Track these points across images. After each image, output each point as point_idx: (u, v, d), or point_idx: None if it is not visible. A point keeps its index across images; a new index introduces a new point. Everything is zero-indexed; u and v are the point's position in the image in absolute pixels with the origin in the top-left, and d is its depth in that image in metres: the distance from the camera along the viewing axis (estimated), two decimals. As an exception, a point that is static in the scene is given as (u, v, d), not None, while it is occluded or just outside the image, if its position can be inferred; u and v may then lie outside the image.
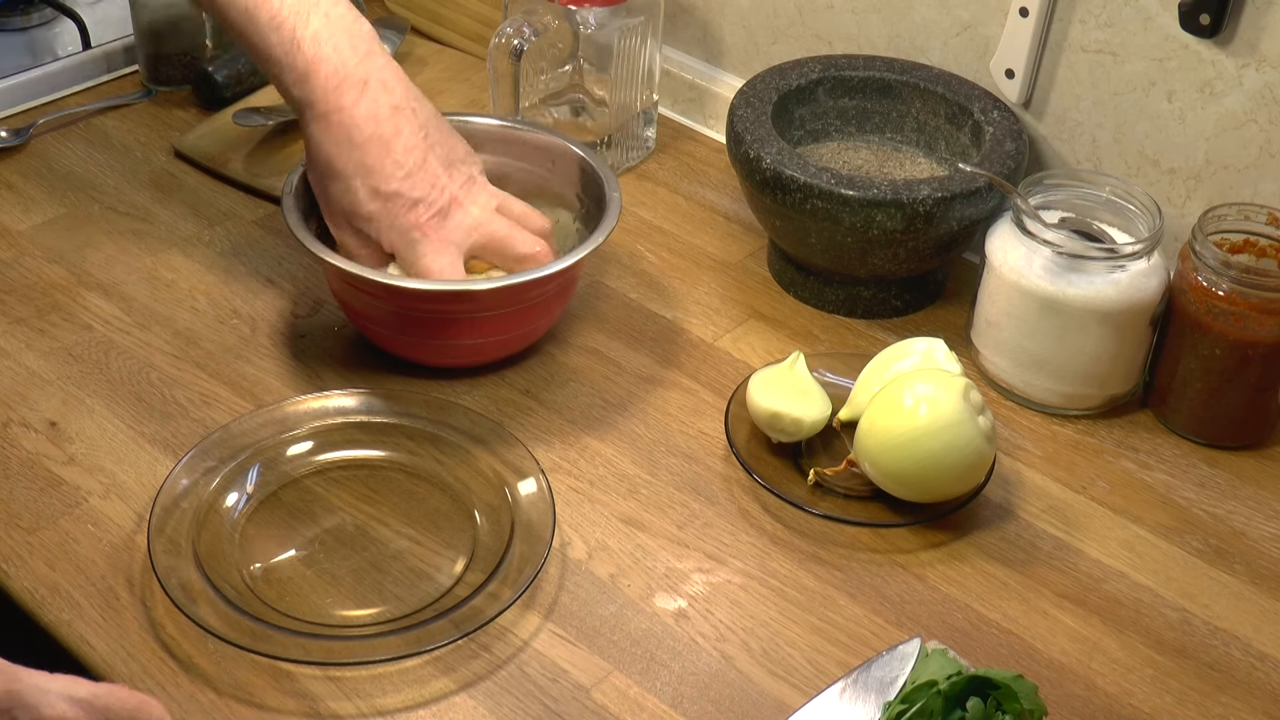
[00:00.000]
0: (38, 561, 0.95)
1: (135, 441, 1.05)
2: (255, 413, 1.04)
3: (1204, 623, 0.96)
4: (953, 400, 0.98)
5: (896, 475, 1.00)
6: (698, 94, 1.42)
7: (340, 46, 1.04)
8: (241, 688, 0.88)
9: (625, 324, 1.18)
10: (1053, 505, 1.04)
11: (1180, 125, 1.13)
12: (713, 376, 1.14)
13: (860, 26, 1.30)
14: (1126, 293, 1.06)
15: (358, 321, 1.12)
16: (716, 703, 0.89)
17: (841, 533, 1.01)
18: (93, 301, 1.17)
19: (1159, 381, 1.11)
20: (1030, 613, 0.96)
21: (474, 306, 1.07)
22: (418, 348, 1.10)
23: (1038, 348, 1.09)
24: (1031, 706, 0.83)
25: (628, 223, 1.30)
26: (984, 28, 1.22)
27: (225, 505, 0.98)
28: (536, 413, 1.09)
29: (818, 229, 1.14)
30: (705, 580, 0.97)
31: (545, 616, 0.94)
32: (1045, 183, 1.12)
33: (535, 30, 1.27)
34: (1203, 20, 1.08)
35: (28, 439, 1.05)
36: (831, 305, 1.21)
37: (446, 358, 1.11)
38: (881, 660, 0.89)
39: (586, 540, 0.99)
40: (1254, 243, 1.07)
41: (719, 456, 1.07)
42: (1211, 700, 0.91)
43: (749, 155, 1.16)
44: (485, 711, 0.88)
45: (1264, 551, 1.01)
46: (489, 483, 1.00)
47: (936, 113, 1.24)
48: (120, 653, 0.90)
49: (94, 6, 1.51)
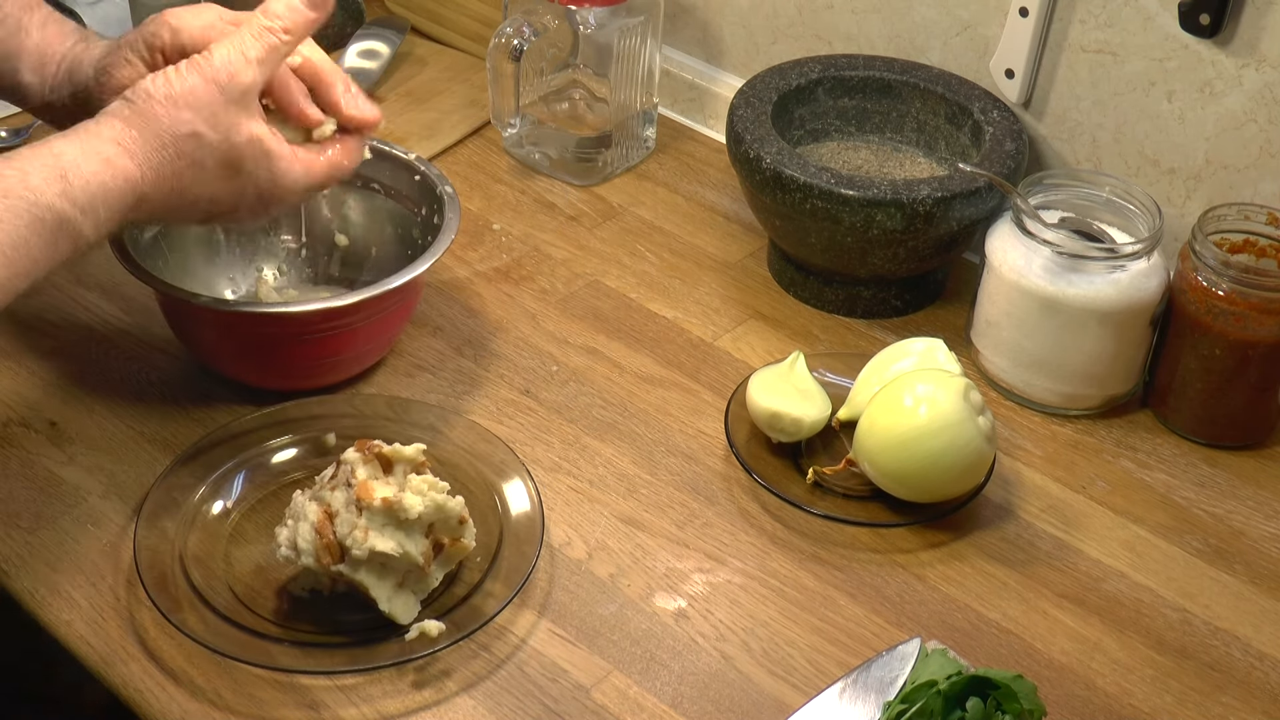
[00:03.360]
0: (38, 561, 0.95)
1: (135, 441, 1.05)
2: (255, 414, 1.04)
3: (1204, 623, 0.96)
4: (953, 400, 0.98)
5: (896, 475, 1.00)
6: (698, 94, 1.42)
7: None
8: (242, 688, 0.88)
9: (625, 324, 1.18)
10: (1052, 505, 1.04)
11: (1180, 125, 1.13)
12: (713, 376, 1.14)
13: (860, 26, 1.30)
14: (1126, 293, 1.06)
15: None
16: (716, 703, 0.89)
17: (841, 533, 1.01)
18: (93, 301, 1.17)
19: (1159, 381, 1.11)
20: (1030, 613, 0.96)
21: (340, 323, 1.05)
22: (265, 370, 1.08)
23: (1037, 348, 1.09)
24: (1031, 706, 0.83)
25: (628, 222, 1.30)
26: (984, 28, 1.22)
27: (213, 509, 0.98)
28: (536, 413, 1.09)
29: (818, 229, 1.14)
30: (705, 580, 0.97)
31: (545, 616, 0.94)
32: (1045, 183, 1.12)
33: (535, 30, 1.27)
34: (1203, 20, 1.08)
35: (28, 439, 1.05)
36: (831, 305, 1.21)
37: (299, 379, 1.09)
38: (881, 660, 0.89)
39: (586, 540, 0.99)
40: (1254, 243, 1.07)
41: (719, 456, 1.07)
42: (1211, 700, 0.91)
43: (749, 155, 1.16)
44: (485, 711, 0.88)
45: (1264, 551, 1.01)
46: (476, 483, 1.00)
47: (936, 113, 1.24)
48: (120, 652, 0.90)
49: (94, 6, 1.51)
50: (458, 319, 1.18)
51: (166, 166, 0.88)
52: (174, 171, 0.89)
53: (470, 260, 1.24)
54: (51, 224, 0.83)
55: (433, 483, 0.91)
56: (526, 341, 1.16)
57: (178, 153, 0.88)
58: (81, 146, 0.86)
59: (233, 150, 0.90)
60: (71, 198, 0.84)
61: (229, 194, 0.92)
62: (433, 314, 1.18)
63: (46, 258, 0.83)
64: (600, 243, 1.27)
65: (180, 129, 0.88)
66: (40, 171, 0.83)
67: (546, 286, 1.22)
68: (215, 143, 0.89)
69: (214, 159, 0.90)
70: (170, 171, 0.88)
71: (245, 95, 0.90)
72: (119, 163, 0.86)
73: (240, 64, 0.90)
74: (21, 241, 0.81)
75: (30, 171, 0.83)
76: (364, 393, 1.09)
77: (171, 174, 0.89)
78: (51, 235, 0.83)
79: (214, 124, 0.89)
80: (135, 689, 0.88)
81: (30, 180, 0.82)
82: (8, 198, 0.81)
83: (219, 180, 0.91)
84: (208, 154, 0.89)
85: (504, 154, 1.37)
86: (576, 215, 1.31)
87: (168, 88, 0.89)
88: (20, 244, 0.81)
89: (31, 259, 0.82)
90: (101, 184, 0.85)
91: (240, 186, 0.92)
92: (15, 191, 0.82)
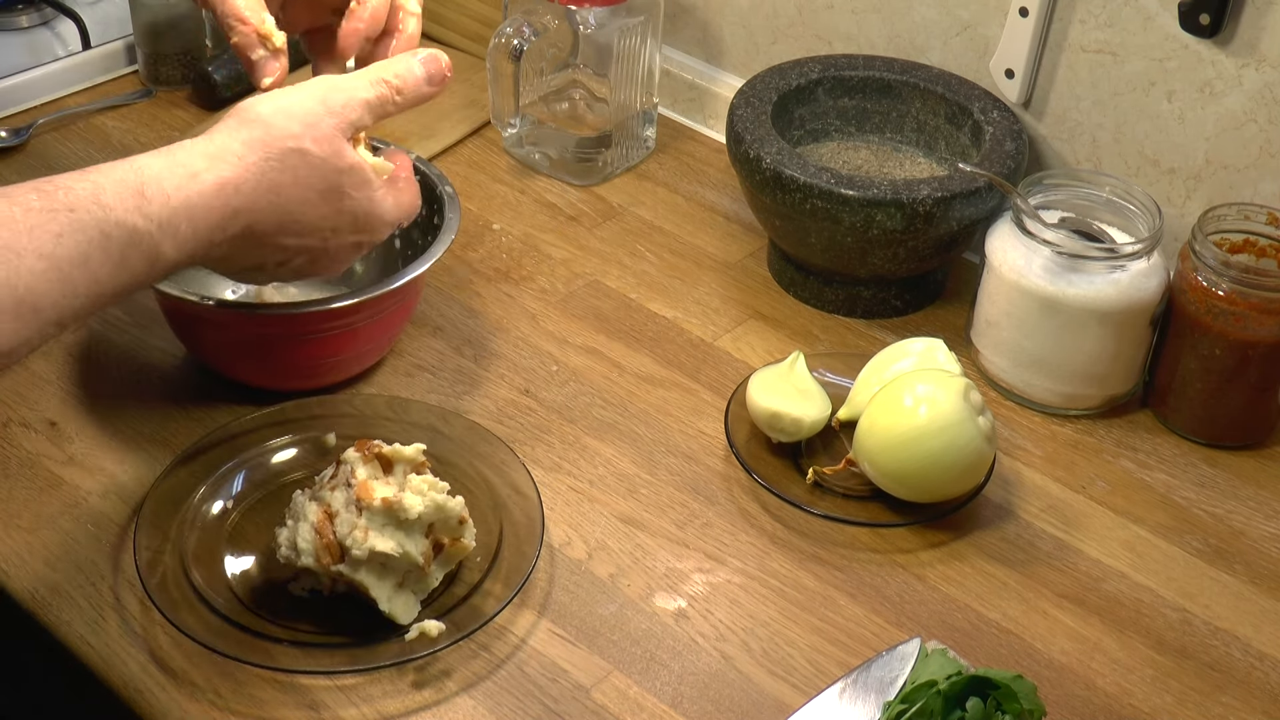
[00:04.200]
0: (38, 561, 0.95)
1: (135, 441, 1.05)
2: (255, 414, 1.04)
3: (1204, 623, 0.96)
4: (952, 400, 0.98)
5: (896, 475, 1.00)
6: (698, 94, 1.42)
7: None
8: (242, 688, 0.88)
9: (625, 324, 1.18)
10: (1052, 505, 1.04)
11: (1180, 125, 1.13)
12: (713, 376, 1.14)
13: (860, 26, 1.30)
14: (1126, 293, 1.06)
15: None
16: (716, 703, 0.89)
17: (841, 533, 1.01)
18: (93, 301, 1.17)
19: (1159, 381, 1.11)
20: (1030, 613, 0.96)
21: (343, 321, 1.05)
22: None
23: (1037, 348, 1.09)
24: (1031, 706, 0.83)
25: (628, 222, 1.30)
26: (984, 28, 1.22)
27: (213, 509, 0.98)
28: (536, 413, 1.09)
29: (818, 229, 1.14)
30: (705, 580, 0.97)
31: (545, 616, 0.94)
32: (1045, 183, 1.12)
33: (535, 30, 1.27)
34: (1203, 20, 1.08)
35: (28, 439, 1.05)
36: (831, 305, 1.21)
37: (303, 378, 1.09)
38: (881, 660, 0.89)
39: (586, 540, 0.99)
40: (1254, 243, 1.07)
41: (719, 456, 1.07)
42: (1211, 700, 0.91)
43: (749, 155, 1.16)
44: (485, 711, 0.88)
45: (1264, 551, 1.01)
46: (476, 483, 1.00)
47: (936, 113, 1.24)
48: (120, 652, 0.90)
49: (94, 6, 1.51)
50: (458, 319, 1.18)
51: (269, 176, 0.86)
52: (274, 184, 0.86)
53: (470, 260, 1.24)
54: (120, 240, 0.79)
55: (433, 483, 0.91)
56: (526, 341, 1.16)
57: (282, 165, 0.86)
58: (168, 160, 0.83)
59: (335, 174, 0.89)
60: (147, 213, 0.81)
61: (327, 220, 0.90)
62: (433, 314, 1.18)
63: (113, 277, 0.80)
64: (600, 243, 1.27)
65: (288, 141, 0.87)
66: (115, 186, 0.80)
67: (546, 286, 1.22)
68: (319, 161, 0.88)
69: (318, 177, 0.88)
70: (270, 183, 0.86)
71: (351, 128, 0.90)
72: (210, 174, 0.83)
73: (353, 100, 0.90)
74: (83, 258, 0.78)
75: (105, 186, 0.80)
76: (364, 393, 1.09)
77: (271, 186, 0.86)
78: (120, 252, 0.80)
79: (320, 142, 0.88)
80: (135, 689, 0.88)
81: (103, 196, 0.79)
82: (74, 211, 0.78)
83: (321, 203, 0.89)
84: (312, 171, 0.88)
85: (504, 154, 1.37)
86: (576, 215, 1.31)
87: (280, 100, 0.88)
88: (80, 261, 0.78)
89: (94, 278, 0.79)
90: (185, 199, 0.82)
91: (338, 212, 0.90)
92: (84, 205, 0.79)
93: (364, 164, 0.91)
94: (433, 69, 0.94)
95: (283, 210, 0.87)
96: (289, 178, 0.87)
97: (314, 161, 0.87)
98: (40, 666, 1.01)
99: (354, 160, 0.90)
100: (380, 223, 0.93)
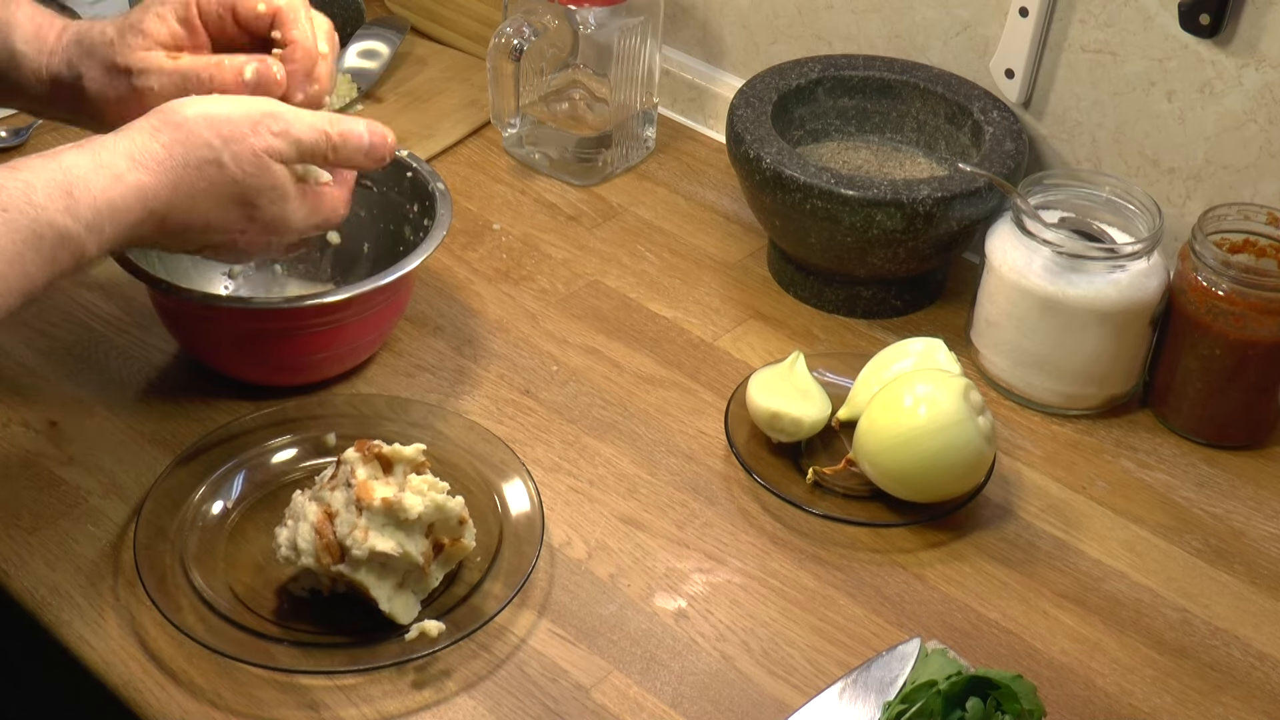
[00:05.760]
0: (38, 561, 0.95)
1: (135, 441, 1.05)
2: (255, 414, 1.04)
3: (1204, 623, 0.96)
4: (952, 400, 0.98)
5: (896, 475, 1.00)
6: (698, 94, 1.42)
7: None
8: (242, 688, 0.88)
9: (625, 324, 1.18)
10: (1052, 505, 1.04)
11: (1180, 125, 1.13)
12: (712, 376, 1.14)
13: (860, 26, 1.30)
14: (1126, 293, 1.06)
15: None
16: (716, 703, 0.89)
17: (841, 533, 1.01)
18: (93, 301, 1.17)
19: (1159, 381, 1.11)
20: (1030, 613, 0.96)
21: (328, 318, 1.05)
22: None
23: (1037, 347, 1.09)
24: (1031, 706, 0.83)
25: (628, 222, 1.30)
26: (984, 27, 1.22)
27: (213, 509, 0.98)
28: (536, 413, 1.09)
29: (818, 229, 1.14)
30: (705, 580, 0.97)
31: (545, 616, 0.94)
32: (1045, 183, 1.12)
33: (535, 30, 1.27)
34: (1203, 20, 1.08)
35: (28, 439, 1.05)
36: (831, 305, 1.21)
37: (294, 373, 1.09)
38: (881, 660, 0.89)
39: (586, 540, 0.99)
40: (1254, 243, 1.07)
41: (719, 456, 1.07)
42: (1211, 700, 0.91)
43: (749, 155, 1.16)
44: (485, 711, 0.88)
45: (1264, 551, 1.01)
46: (476, 483, 1.00)
47: (936, 113, 1.24)
48: (120, 652, 0.90)
49: (94, 6, 1.51)
50: (457, 319, 1.18)
51: (186, 182, 0.87)
52: (190, 190, 0.87)
53: (470, 260, 1.24)
54: (51, 240, 0.82)
55: (433, 483, 0.91)
56: (526, 341, 1.16)
57: (199, 174, 0.87)
58: (93, 160, 0.85)
59: (252, 191, 0.90)
60: (76, 214, 0.82)
61: (237, 224, 0.91)
62: (432, 314, 1.18)
63: (43, 273, 0.83)
64: (600, 243, 1.27)
65: (205, 151, 0.87)
66: (46, 186, 0.82)
67: (546, 286, 1.22)
68: (236, 175, 0.88)
69: (233, 189, 0.89)
70: (187, 189, 0.87)
71: (277, 154, 0.90)
72: (131, 177, 0.85)
73: (288, 132, 0.90)
74: (17, 256, 0.81)
75: (36, 185, 0.82)
76: (364, 393, 1.09)
77: (187, 192, 0.87)
78: (51, 251, 0.82)
79: (239, 159, 0.88)
80: (135, 689, 0.88)
81: (34, 195, 0.81)
82: (8, 211, 0.80)
83: (233, 207, 0.90)
84: (228, 183, 0.88)
85: (504, 154, 1.37)
86: (576, 215, 1.31)
87: (207, 106, 0.88)
88: (15, 259, 0.80)
89: (26, 274, 0.81)
90: (110, 200, 0.84)
91: (249, 219, 0.91)
92: (17, 205, 0.81)
93: (287, 184, 0.91)
94: (377, 143, 0.94)
95: (195, 213, 0.89)
96: (204, 185, 0.88)
97: (230, 175, 0.88)
98: (40, 666, 1.01)
99: (276, 180, 0.90)
100: (290, 230, 0.94)
